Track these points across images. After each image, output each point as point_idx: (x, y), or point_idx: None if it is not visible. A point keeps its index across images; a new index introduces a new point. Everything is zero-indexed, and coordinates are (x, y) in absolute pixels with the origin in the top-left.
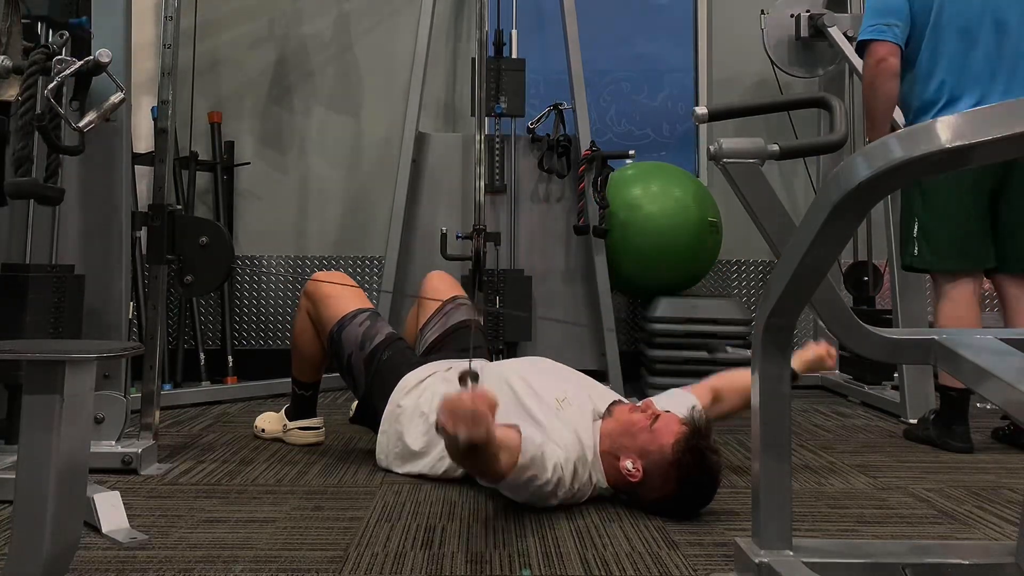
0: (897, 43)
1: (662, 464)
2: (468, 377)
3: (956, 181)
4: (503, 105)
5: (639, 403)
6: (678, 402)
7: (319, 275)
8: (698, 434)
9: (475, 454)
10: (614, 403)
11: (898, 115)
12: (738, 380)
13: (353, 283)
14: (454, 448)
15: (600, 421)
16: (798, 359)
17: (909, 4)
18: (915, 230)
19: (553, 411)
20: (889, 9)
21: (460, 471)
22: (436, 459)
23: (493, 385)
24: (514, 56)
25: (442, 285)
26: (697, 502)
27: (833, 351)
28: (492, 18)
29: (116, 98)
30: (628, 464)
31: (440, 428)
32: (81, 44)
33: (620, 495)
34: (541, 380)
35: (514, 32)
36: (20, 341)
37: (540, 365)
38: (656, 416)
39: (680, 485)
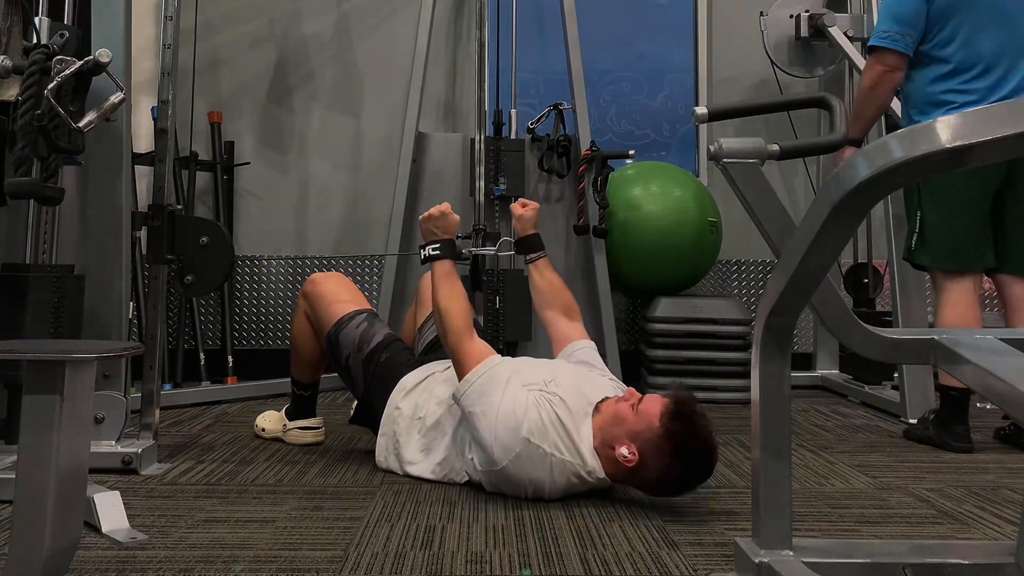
0: (907, 54)
1: (654, 440)
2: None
3: (960, 180)
4: (503, 187)
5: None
6: (577, 358)
7: (316, 276)
8: (682, 402)
9: (444, 224)
10: (602, 400)
11: (897, 108)
12: (545, 287)
13: (352, 284)
14: (431, 225)
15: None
16: (518, 230)
17: (927, 8)
18: (917, 224)
19: (538, 391)
20: (905, 18)
21: (462, 477)
22: (434, 463)
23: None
24: (514, 137)
25: None
26: (698, 470)
27: (524, 200)
28: (492, 97)
29: (116, 98)
30: (624, 451)
31: (423, 221)
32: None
33: (624, 485)
34: (530, 368)
35: (513, 112)
36: (20, 341)
37: (535, 361)
38: (639, 399)
39: (676, 455)
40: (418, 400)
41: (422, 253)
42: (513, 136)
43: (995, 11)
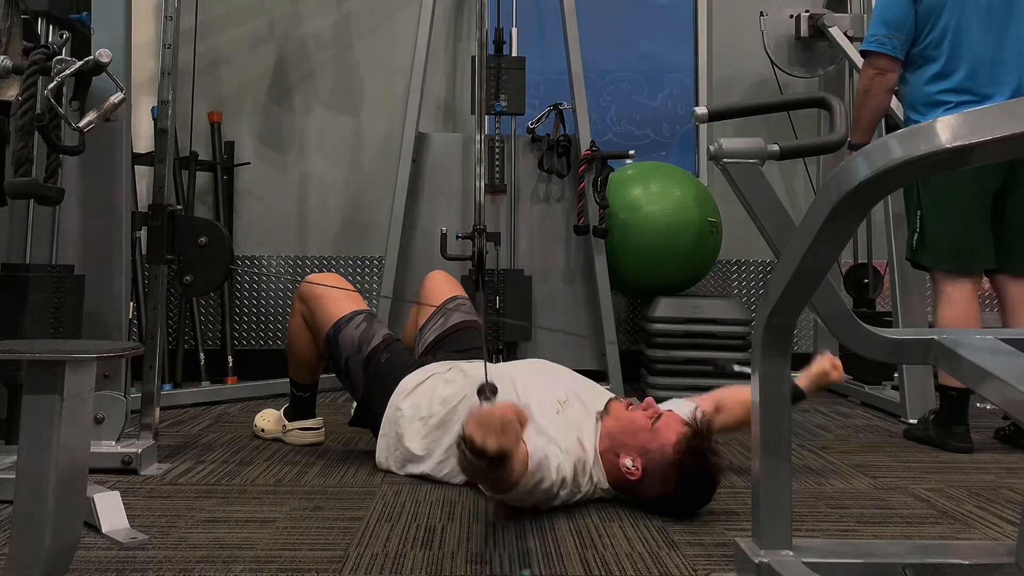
0: (896, 56)
1: (662, 464)
2: (487, 391)
3: (958, 181)
4: (503, 103)
5: (640, 401)
6: (680, 407)
7: (312, 277)
8: (700, 435)
9: (498, 468)
10: (611, 400)
11: (897, 109)
12: (742, 394)
13: (348, 285)
14: (476, 463)
15: (600, 421)
16: (803, 378)
17: (914, 9)
18: (917, 224)
19: (554, 413)
20: (892, 21)
21: (460, 477)
22: (437, 463)
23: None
24: (514, 54)
25: (443, 285)
26: (696, 503)
27: (838, 362)
28: (492, 16)
29: (116, 98)
30: (628, 462)
31: (464, 441)
32: (81, 40)
33: (620, 494)
34: (541, 382)
35: (514, 30)
36: (20, 341)
37: (538, 366)
38: (658, 415)
39: (679, 485)
40: (419, 401)
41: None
42: (514, 53)
43: (981, 10)
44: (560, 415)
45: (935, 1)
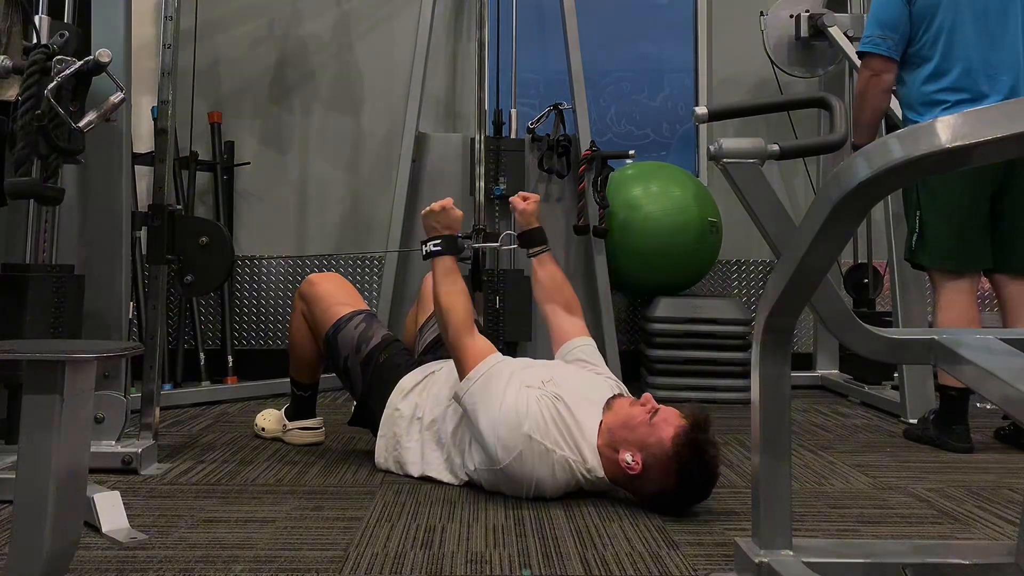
0: (891, 56)
1: (661, 457)
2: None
3: (957, 181)
4: (502, 187)
5: (639, 398)
6: (575, 356)
7: (313, 277)
8: (698, 428)
9: (449, 246)
10: (613, 397)
11: (897, 109)
12: (547, 280)
13: (348, 284)
14: (433, 226)
15: (599, 414)
16: (520, 225)
17: (908, 9)
18: (916, 224)
19: (536, 388)
20: (886, 21)
21: (461, 477)
22: (435, 463)
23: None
24: (514, 136)
25: None
26: (695, 496)
27: (525, 193)
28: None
29: (116, 98)
30: (627, 457)
31: (426, 215)
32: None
33: (619, 488)
34: (529, 367)
35: (513, 111)
36: (20, 341)
37: (533, 362)
38: (655, 410)
39: (679, 478)
40: (417, 400)
41: (423, 249)
42: (513, 136)
43: (976, 9)
44: (540, 389)
45: (930, 1)
